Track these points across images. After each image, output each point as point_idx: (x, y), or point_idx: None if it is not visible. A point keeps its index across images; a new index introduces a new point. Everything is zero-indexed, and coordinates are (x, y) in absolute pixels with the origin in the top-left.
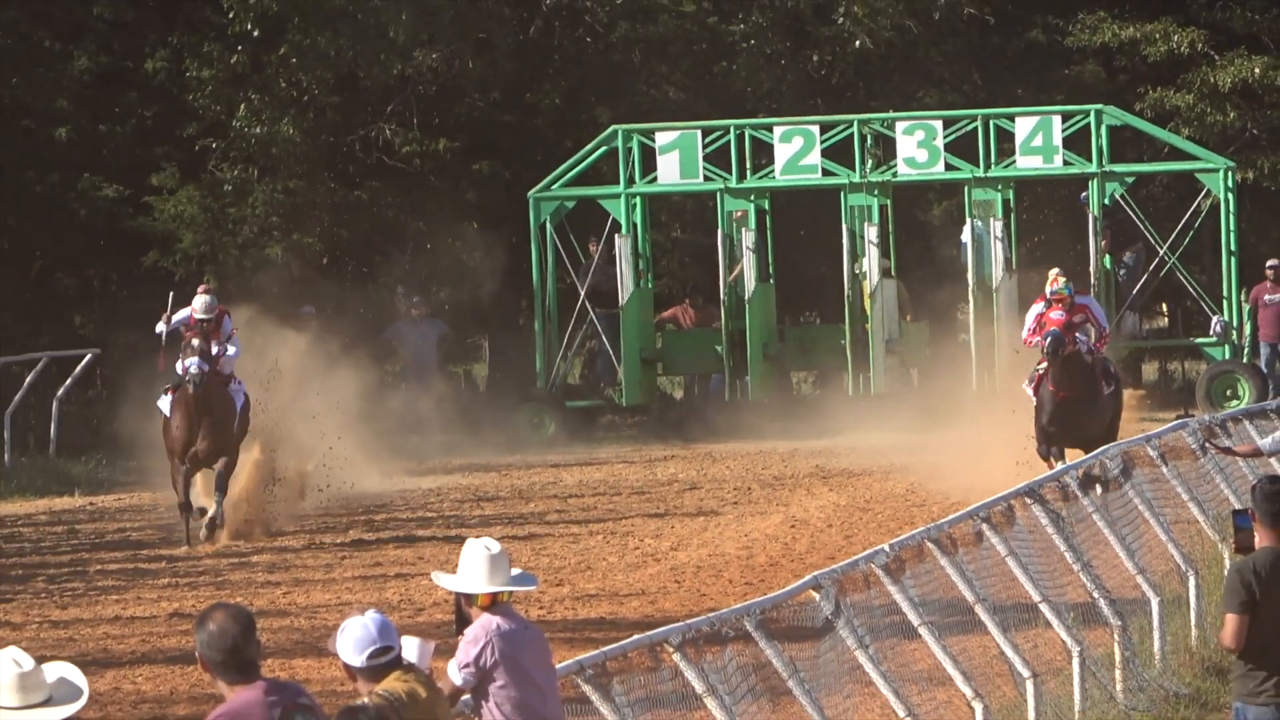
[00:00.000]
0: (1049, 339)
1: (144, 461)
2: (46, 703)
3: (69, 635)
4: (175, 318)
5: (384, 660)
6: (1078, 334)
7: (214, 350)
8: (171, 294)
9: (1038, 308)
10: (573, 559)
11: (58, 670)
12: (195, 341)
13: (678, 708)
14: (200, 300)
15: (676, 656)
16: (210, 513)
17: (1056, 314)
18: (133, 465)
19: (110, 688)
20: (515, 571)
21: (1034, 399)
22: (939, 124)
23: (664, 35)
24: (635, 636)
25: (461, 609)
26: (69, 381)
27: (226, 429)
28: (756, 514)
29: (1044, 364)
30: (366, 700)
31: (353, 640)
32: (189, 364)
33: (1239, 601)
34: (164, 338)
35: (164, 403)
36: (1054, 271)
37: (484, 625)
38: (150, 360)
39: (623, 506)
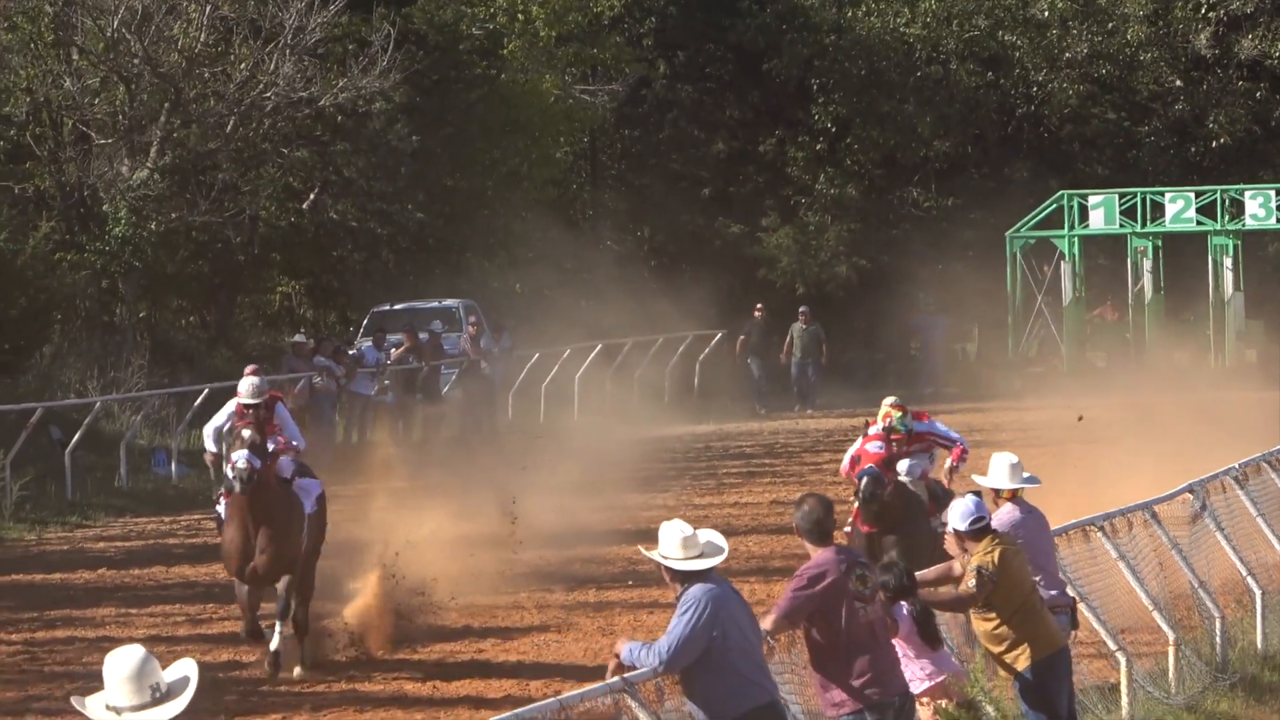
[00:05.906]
0: (864, 478)
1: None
2: (701, 555)
3: (705, 514)
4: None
5: (979, 527)
6: (909, 459)
7: (269, 444)
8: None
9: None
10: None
11: (706, 535)
12: (245, 433)
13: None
14: (246, 382)
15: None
16: (272, 644)
17: (874, 446)
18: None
19: (737, 547)
20: (1025, 474)
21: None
22: (1273, 191)
23: (1095, 133)
24: (1092, 515)
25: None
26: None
27: (289, 539)
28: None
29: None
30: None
31: (960, 513)
32: (236, 458)
33: None
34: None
35: (222, 508)
36: (887, 402)
37: (1008, 511)
38: None
39: (1064, 436)
